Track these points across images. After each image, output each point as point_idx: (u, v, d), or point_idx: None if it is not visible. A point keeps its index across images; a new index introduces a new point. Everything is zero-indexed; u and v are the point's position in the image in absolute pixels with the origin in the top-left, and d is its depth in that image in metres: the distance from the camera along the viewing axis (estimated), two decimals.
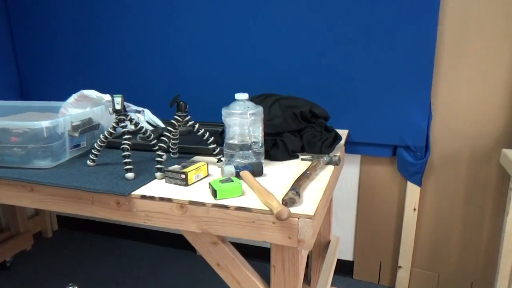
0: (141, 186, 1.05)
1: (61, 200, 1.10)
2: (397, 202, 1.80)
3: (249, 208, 0.92)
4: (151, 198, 1.00)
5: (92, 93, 1.45)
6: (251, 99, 1.48)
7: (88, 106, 1.49)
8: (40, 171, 1.17)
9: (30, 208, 2.39)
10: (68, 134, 1.27)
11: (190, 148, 1.34)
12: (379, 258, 1.90)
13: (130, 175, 1.10)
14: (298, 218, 0.88)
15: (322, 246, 1.64)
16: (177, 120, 1.18)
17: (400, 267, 1.84)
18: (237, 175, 1.08)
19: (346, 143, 1.75)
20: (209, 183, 1.00)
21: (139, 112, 1.66)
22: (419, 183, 1.71)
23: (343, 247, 1.97)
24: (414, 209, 1.75)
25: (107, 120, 1.46)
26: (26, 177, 1.13)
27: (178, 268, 2.11)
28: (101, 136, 1.20)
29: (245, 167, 1.10)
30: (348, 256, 1.97)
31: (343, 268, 1.98)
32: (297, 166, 1.22)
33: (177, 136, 1.28)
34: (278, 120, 1.36)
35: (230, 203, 0.94)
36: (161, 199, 0.99)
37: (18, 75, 2.19)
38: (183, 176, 1.05)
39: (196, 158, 1.30)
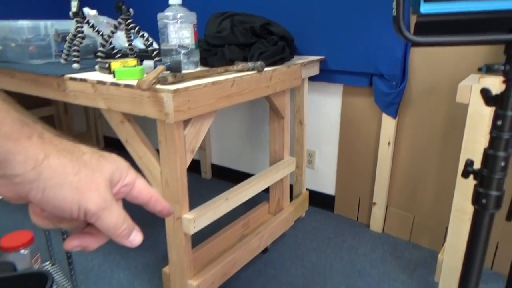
0: (76, 72, 1.26)
1: (29, 84, 1.37)
2: (375, 136, 1.74)
3: (132, 85, 1.06)
4: (74, 79, 1.20)
5: (87, 10, 1.69)
6: (214, 14, 1.58)
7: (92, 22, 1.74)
8: (26, 66, 1.45)
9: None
10: (54, 39, 1.54)
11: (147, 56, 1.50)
12: (358, 194, 1.87)
13: (75, 65, 1.31)
14: (163, 93, 0.99)
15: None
16: (119, 23, 1.35)
17: (374, 203, 1.79)
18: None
19: (323, 70, 1.73)
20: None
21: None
22: (394, 114, 1.62)
23: (326, 181, 1.97)
24: (389, 143, 1.67)
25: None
26: (12, 68, 1.42)
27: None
28: (68, 38, 1.43)
29: (162, 63, 1.23)
30: (330, 190, 1.97)
31: (325, 202, 1.99)
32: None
33: (133, 42, 1.45)
34: (225, 32, 1.43)
35: (122, 82, 1.09)
36: (81, 79, 1.18)
37: None
38: (107, 65, 1.22)
39: None
